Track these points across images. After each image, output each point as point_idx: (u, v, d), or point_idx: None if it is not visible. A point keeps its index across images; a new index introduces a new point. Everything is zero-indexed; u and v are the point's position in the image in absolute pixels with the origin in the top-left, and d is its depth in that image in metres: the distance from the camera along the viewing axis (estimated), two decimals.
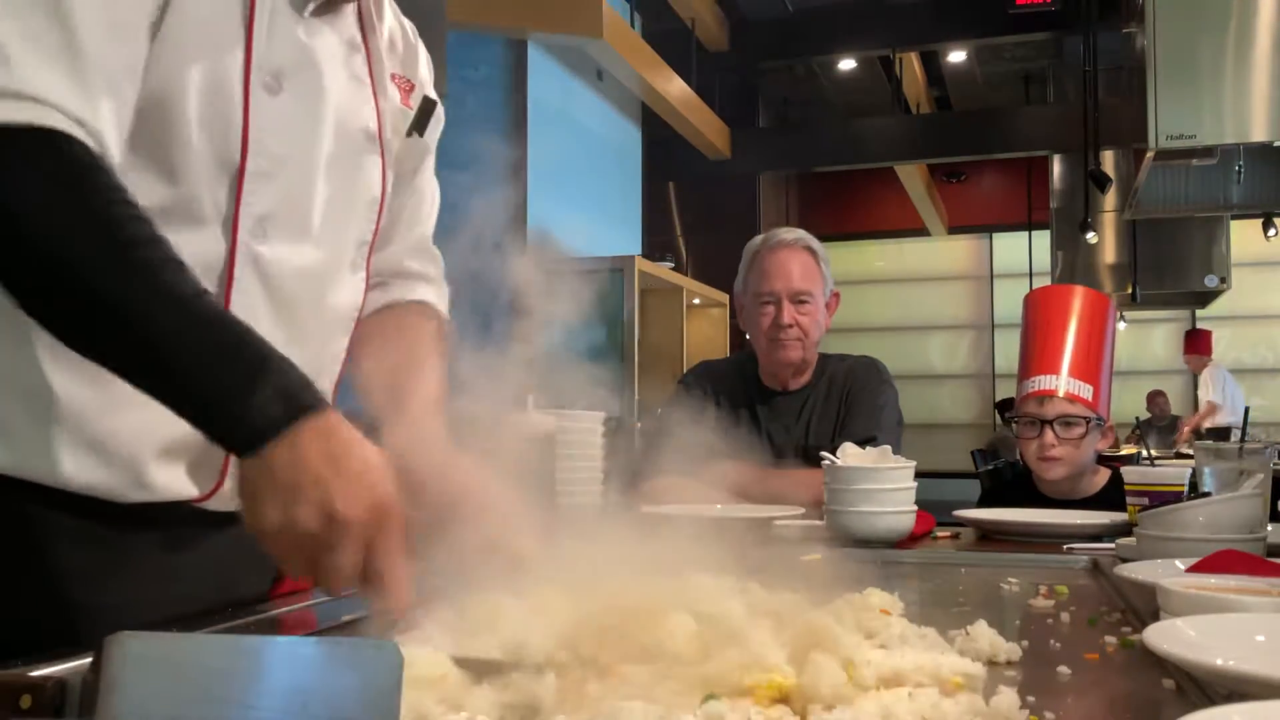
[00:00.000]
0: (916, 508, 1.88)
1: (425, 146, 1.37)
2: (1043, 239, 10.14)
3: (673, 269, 7.21)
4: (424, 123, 1.34)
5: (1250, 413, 1.91)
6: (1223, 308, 9.96)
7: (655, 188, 8.59)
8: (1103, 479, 2.48)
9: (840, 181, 11.56)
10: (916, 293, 12.42)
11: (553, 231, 5.86)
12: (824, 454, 1.93)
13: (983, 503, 2.77)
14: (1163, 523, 1.45)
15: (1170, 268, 8.58)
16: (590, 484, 1.75)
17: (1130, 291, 8.64)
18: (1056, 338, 2.47)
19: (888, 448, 1.95)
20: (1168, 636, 0.88)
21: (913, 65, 10.03)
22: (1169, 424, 9.21)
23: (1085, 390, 2.41)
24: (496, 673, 0.82)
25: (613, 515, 1.51)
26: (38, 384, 1.05)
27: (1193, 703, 0.81)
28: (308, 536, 0.87)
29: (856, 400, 2.60)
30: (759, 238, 2.74)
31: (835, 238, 11.24)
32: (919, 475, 1.89)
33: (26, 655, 0.86)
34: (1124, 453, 5.67)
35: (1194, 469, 1.64)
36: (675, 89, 7.48)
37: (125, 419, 1.07)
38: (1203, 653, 0.83)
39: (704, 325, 7.63)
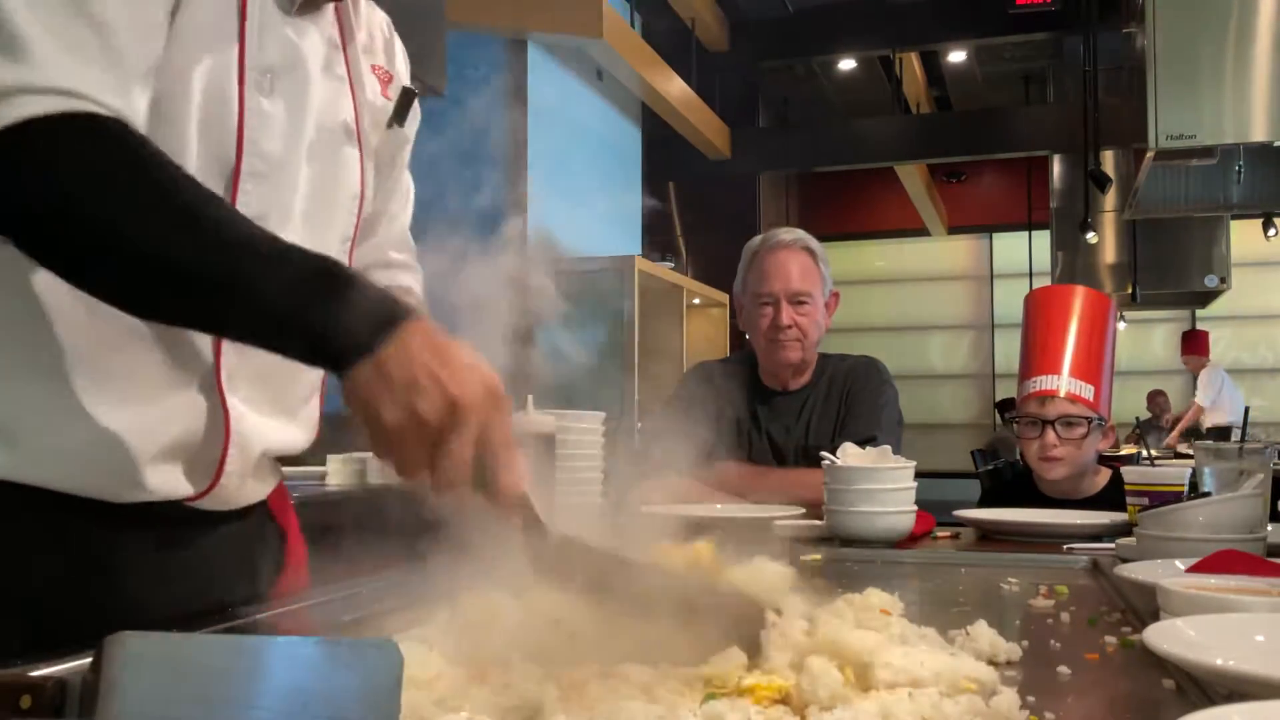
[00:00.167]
0: (916, 508, 1.88)
1: (404, 137, 1.39)
2: (1043, 239, 10.13)
3: (673, 269, 7.21)
4: (403, 114, 1.36)
5: (1250, 413, 1.91)
6: (1223, 308, 9.95)
7: (655, 188, 8.58)
8: (1103, 479, 2.48)
9: (840, 181, 11.55)
10: (916, 293, 12.42)
11: (553, 231, 5.86)
12: (824, 454, 1.93)
13: (983, 503, 2.77)
14: (1163, 523, 1.45)
15: (1170, 268, 8.58)
16: (590, 484, 1.74)
17: (1130, 291, 8.63)
18: (1057, 338, 2.47)
19: (888, 448, 1.96)
20: (1168, 636, 0.88)
21: (913, 65, 10.03)
22: (1170, 424, 9.22)
23: (1086, 390, 2.41)
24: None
25: (612, 515, 1.51)
26: (31, 386, 1.05)
27: (1193, 703, 0.81)
28: (429, 428, 0.89)
29: (856, 400, 2.60)
30: (758, 238, 2.74)
31: (835, 238, 11.24)
32: (919, 475, 1.89)
33: (26, 655, 0.86)
34: (1124, 453, 5.67)
35: (1194, 469, 1.64)
36: (675, 89, 7.48)
37: (121, 420, 1.07)
38: (1203, 653, 0.83)
39: (704, 325, 7.62)
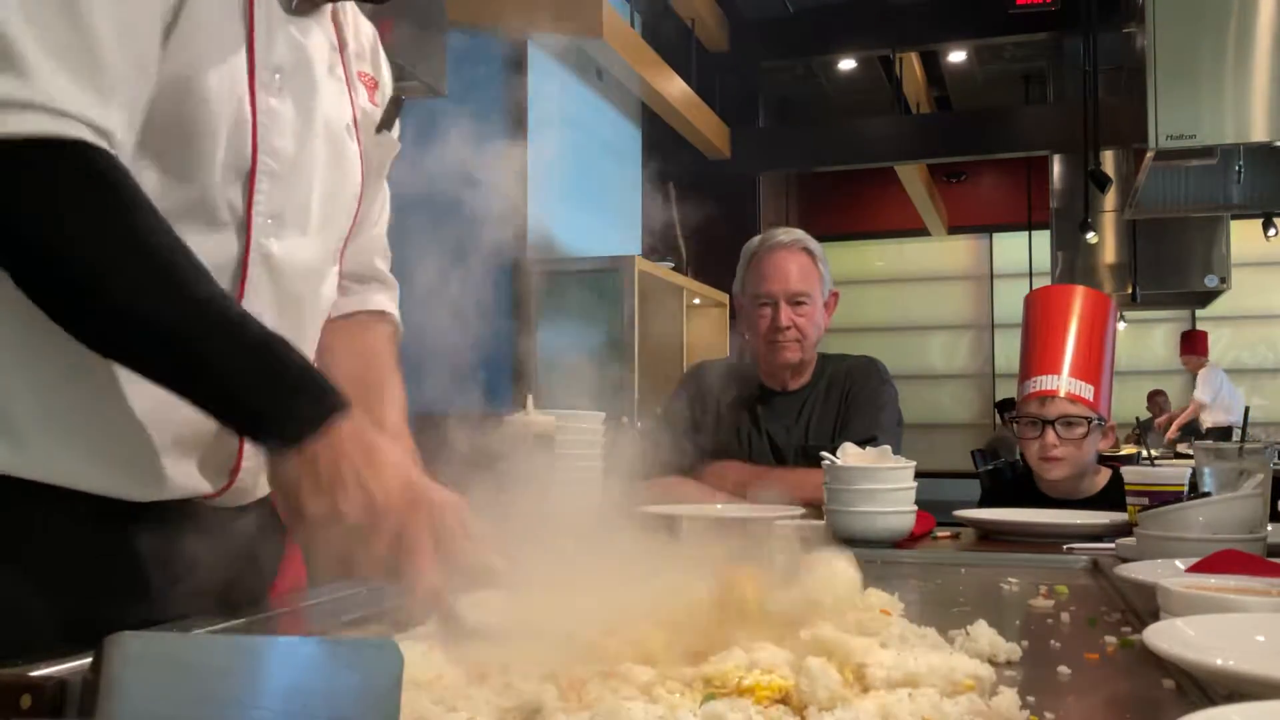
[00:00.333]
0: (916, 508, 1.88)
1: (392, 145, 1.40)
2: (1043, 239, 10.13)
3: (673, 269, 7.20)
4: (391, 120, 1.37)
5: (1250, 413, 1.91)
6: (1223, 308, 9.96)
7: (655, 188, 8.58)
8: (1103, 479, 2.48)
9: (840, 181, 11.55)
10: (916, 293, 12.42)
11: (553, 231, 5.86)
12: (824, 454, 1.93)
13: (983, 503, 2.77)
14: (1163, 523, 1.45)
15: (1170, 268, 8.57)
16: (590, 484, 1.75)
17: (1130, 291, 8.63)
18: (1057, 338, 2.47)
19: (888, 448, 1.95)
20: (1168, 636, 0.88)
21: (913, 65, 10.02)
22: (1165, 424, 9.22)
23: (1086, 390, 2.41)
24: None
25: (612, 515, 1.51)
26: (48, 386, 1.05)
27: (1193, 703, 0.81)
28: (347, 526, 0.91)
29: (856, 400, 2.60)
30: (756, 239, 2.74)
31: (835, 238, 11.24)
32: (919, 475, 1.89)
33: (26, 655, 0.86)
34: (1124, 453, 5.68)
35: (1194, 469, 1.64)
36: (675, 89, 7.48)
37: (141, 418, 1.08)
38: (1203, 653, 0.83)
39: (704, 325, 7.61)
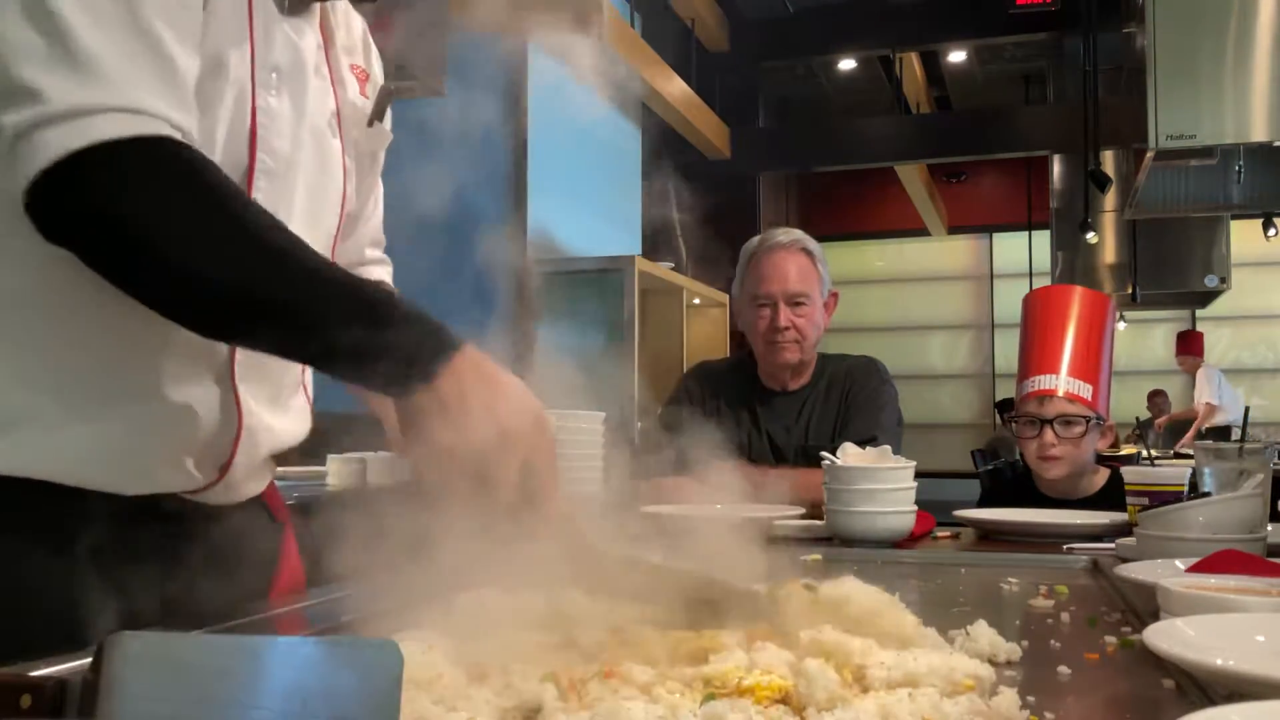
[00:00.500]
0: (916, 508, 1.88)
1: (384, 136, 1.41)
2: (1043, 239, 10.13)
3: (673, 269, 7.20)
4: (381, 112, 1.38)
5: (1250, 412, 1.90)
6: (1223, 308, 9.95)
7: (655, 188, 8.58)
8: (1102, 478, 2.48)
9: (840, 181, 11.55)
10: (916, 293, 12.42)
11: (553, 231, 5.85)
12: (824, 454, 1.93)
13: (983, 503, 2.77)
14: (1163, 523, 1.45)
15: (1170, 268, 8.57)
16: (590, 484, 1.74)
17: (1130, 291, 8.63)
18: (1056, 338, 2.47)
19: (888, 448, 1.95)
20: (1168, 636, 0.88)
21: (913, 65, 10.02)
22: (1163, 426, 9.22)
23: (1085, 390, 2.42)
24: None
25: (612, 515, 1.51)
26: (39, 381, 1.05)
27: (1193, 703, 0.81)
28: (479, 453, 0.95)
29: (856, 400, 2.60)
30: (755, 239, 2.74)
31: (835, 238, 11.24)
32: (919, 475, 1.89)
33: (26, 655, 0.86)
34: (1124, 453, 5.68)
35: (1194, 469, 1.64)
36: (675, 89, 7.47)
37: (139, 414, 1.08)
38: (1203, 653, 0.83)
39: (704, 325, 7.61)
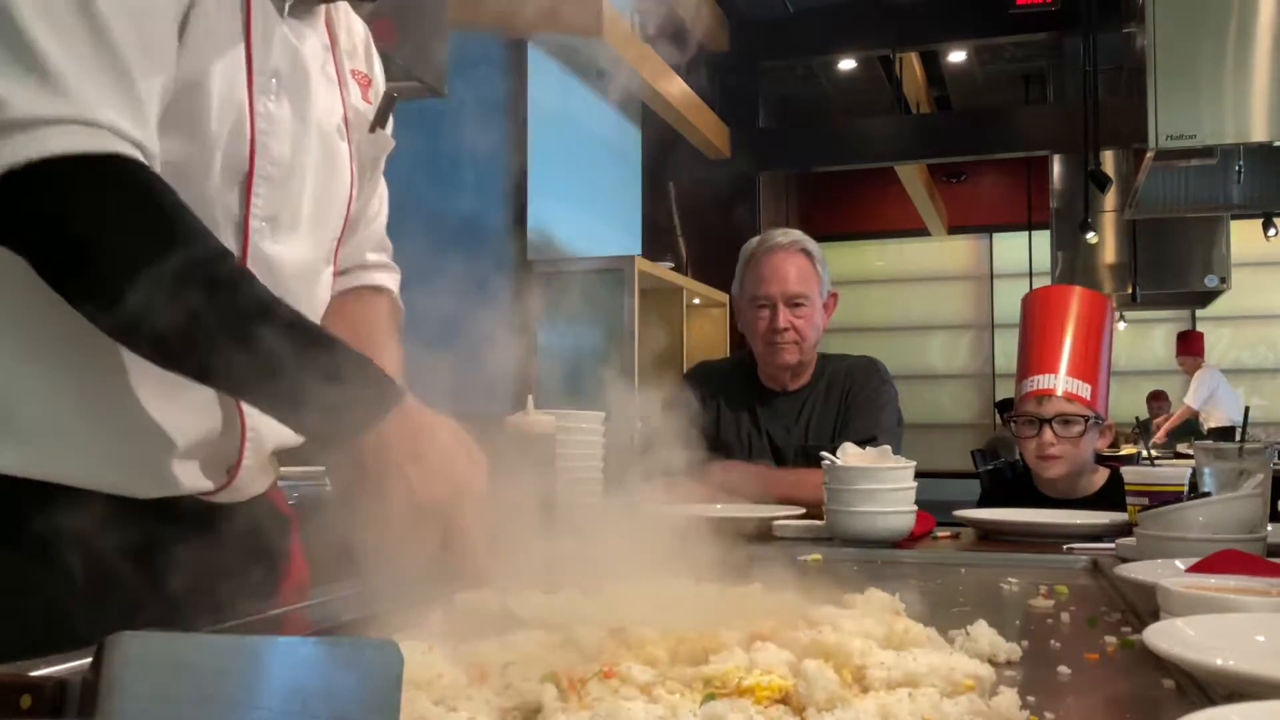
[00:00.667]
0: (916, 508, 1.88)
1: (388, 140, 1.41)
2: (1043, 239, 10.13)
3: (673, 269, 7.20)
4: (384, 118, 1.38)
5: (1250, 412, 1.91)
6: (1223, 308, 9.95)
7: (655, 188, 8.58)
8: (1102, 478, 2.49)
9: (840, 181, 11.55)
10: (916, 293, 12.42)
11: (553, 231, 5.85)
12: (824, 454, 1.93)
13: (983, 503, 2.77)
14: (1163, 523, 1.45)
15: (1170, 268, 8.57)
16: (590, 484, 1.75)
17: (1130, 291, 8.62)
18: (1054, 338, 2.47)
19: (888, 448, 1.95)
20: (1168, 636, 0.88)
21: (913, 65, 10.02)
22: (1159, 426, 9.22)
23: (1083, 389, 2.42)
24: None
25: (611, 515, 1.51)
26: (53, 387, 1.05)
27: (1193, 703, 0.81)
28: (394, 517, 0.97)
29: (856, 400, 2.60)
30: (754, 240, 2.74)
31: (835, 238, 11.24)
32: (919, 475, 1.89)
33: (27, 655, 0.86)
34: (1124, 453, 5.68)
35: (1194, 469, 1.64)
36: (675, 89, 7.47)
37: (148, 417, 1.08)
38: (1203, 653, 0.83)
39: (704, 325, 7.61)
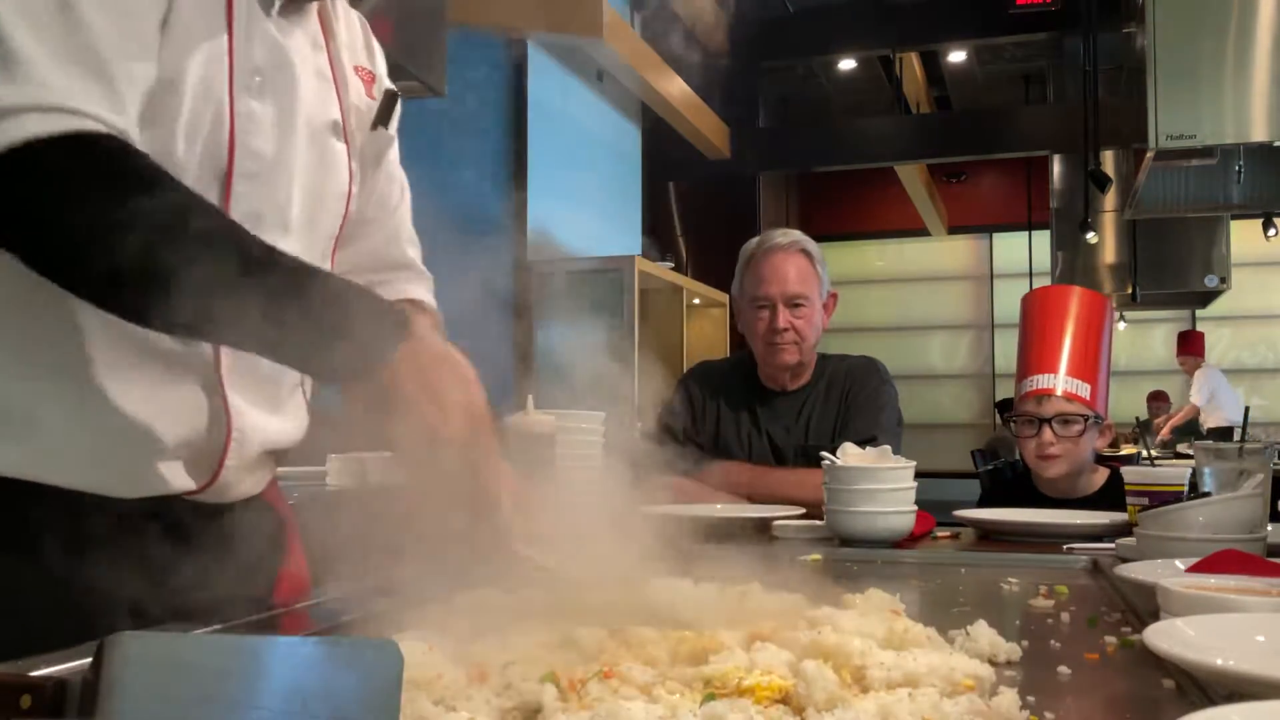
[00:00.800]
0: (916, 508, 1.88)
1: (389, 137, 1.40)
2: (1043, 239, 10.13)
3: (673, 269, 7.20)
4: (387, 115, 1.37)
5: (1250, 412, 1.91)
6: (1223, 308, 9.96)
7: (655, 188, 8.57)
8: (1101, 477, 2.49)
9: (840, 181, 11.55)
10: (916, 293, 12.42)
11: (553, 231, 5.85)
12: (824, 454, 1.93)
13: (983, 503, 2.77)
14: (1163, 523, 1.45)
15: (1170, 268, 8.57)
16: (590, 484, 1.74)
17: (1130, 291, 8.63)
18: (1054, 337, 2.47)
19: (888, 448, 1.95)
20: (1168, 636, 0.88)
21: (913, 65, 10.02)
22: (1160, 426, 9.22)
23: (1083, 389, 2.42)
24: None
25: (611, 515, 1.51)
26: (37, 385, 1.05)
27: (1193, 703, 0.81)
28: (414, 452, 0.99)
29: (856, 400, 2.60)
30: (754, 240, 2.73)
31: (835, 238, 11.25)
32: (919, 475, 1.89)
33: (26, 655, 0.86)
34: (1124, 453, 5.68)
35: (1194, 469, 1.64)
36: (675, 89, 7.47)
37: (132, 417, 1.08)
38: (1203, 653, 0.83)
39: (704, 325, 7.61)
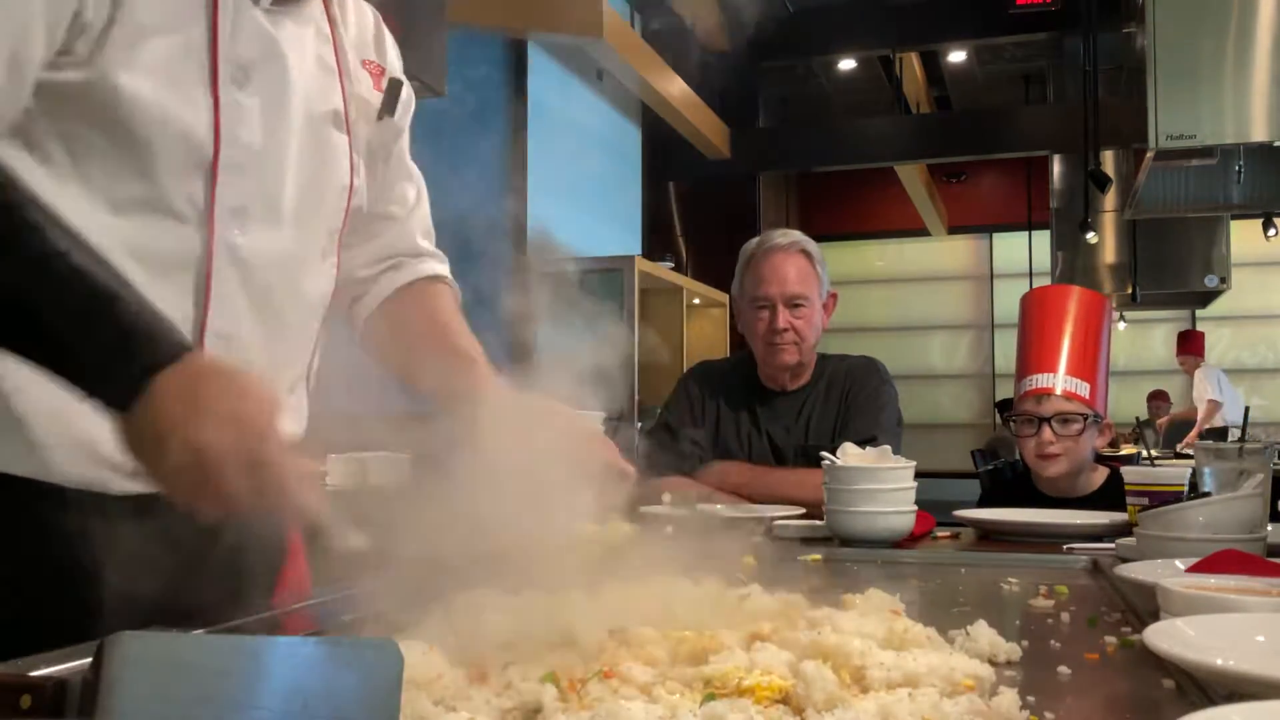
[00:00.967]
0: (916, 508, 1.88)
1: (397, 128, 1.39)
2: (1043, 239, 10.13)
3: (673, 269, 7.20)
4: (393, 105, 1.36)
5: (1250, 412, 1.91)
6: (1223, 308, 9.95)
7: (655, 188, 8.58)
8: (1101, 476, 2.49)
9: (840, 181, 11.55)
10: (916, 293, 12.42)
11: (553, 231, 5.85)
12: (824, 454, 1.93)
13: (983, 503, 2.77)
14: (1163, 523, 1.45)
15: (1170, 268, 8.57)
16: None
17: (1130, 291, 8.62)
18: (1053, 337, 2.47)
19: (888, 448, 1.95)
20: (1168, 636, 0.88)
21: (913, 65, 10.02)
22: (1163, 427, 9.21)
23: (1082, 388, 2.42)
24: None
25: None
26: (21, 381, 1.05)
27: (1193, 703, 0.81)
28: (191, 474, 0.90)
29: (856, 400, 2.60)
30: (754, 241, 2.73)
31: (835, 238, 11.24)
32: (919, 475, 1.89)
33: (26, 655, 0.86)
34: (1124, 452, 5.68)
35: (1194, 469, 1.64)
36: (675, 89, 7.47)
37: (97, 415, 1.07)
38: (1203, 653, 0.83)
39: (704, 325, 7.61)
